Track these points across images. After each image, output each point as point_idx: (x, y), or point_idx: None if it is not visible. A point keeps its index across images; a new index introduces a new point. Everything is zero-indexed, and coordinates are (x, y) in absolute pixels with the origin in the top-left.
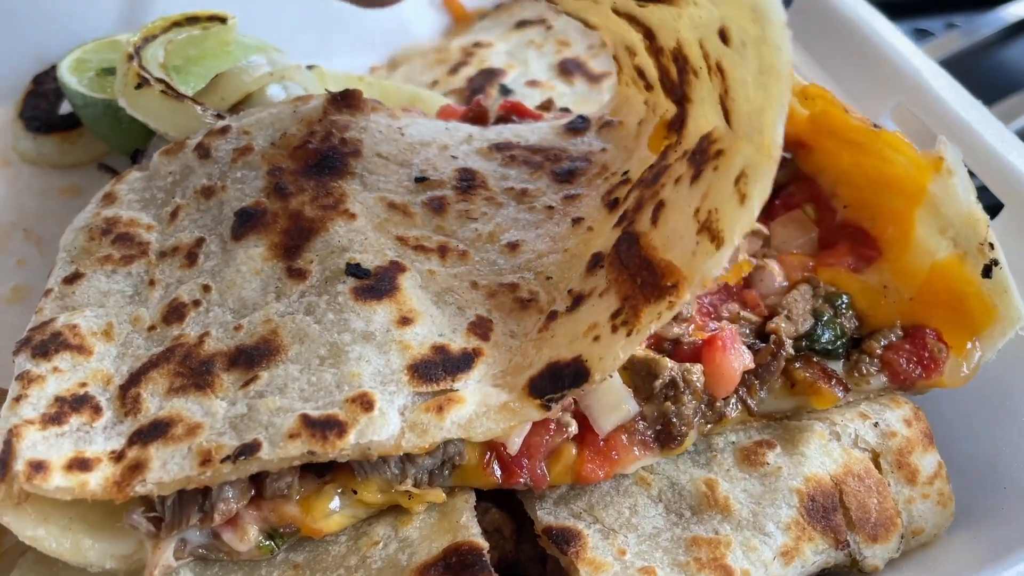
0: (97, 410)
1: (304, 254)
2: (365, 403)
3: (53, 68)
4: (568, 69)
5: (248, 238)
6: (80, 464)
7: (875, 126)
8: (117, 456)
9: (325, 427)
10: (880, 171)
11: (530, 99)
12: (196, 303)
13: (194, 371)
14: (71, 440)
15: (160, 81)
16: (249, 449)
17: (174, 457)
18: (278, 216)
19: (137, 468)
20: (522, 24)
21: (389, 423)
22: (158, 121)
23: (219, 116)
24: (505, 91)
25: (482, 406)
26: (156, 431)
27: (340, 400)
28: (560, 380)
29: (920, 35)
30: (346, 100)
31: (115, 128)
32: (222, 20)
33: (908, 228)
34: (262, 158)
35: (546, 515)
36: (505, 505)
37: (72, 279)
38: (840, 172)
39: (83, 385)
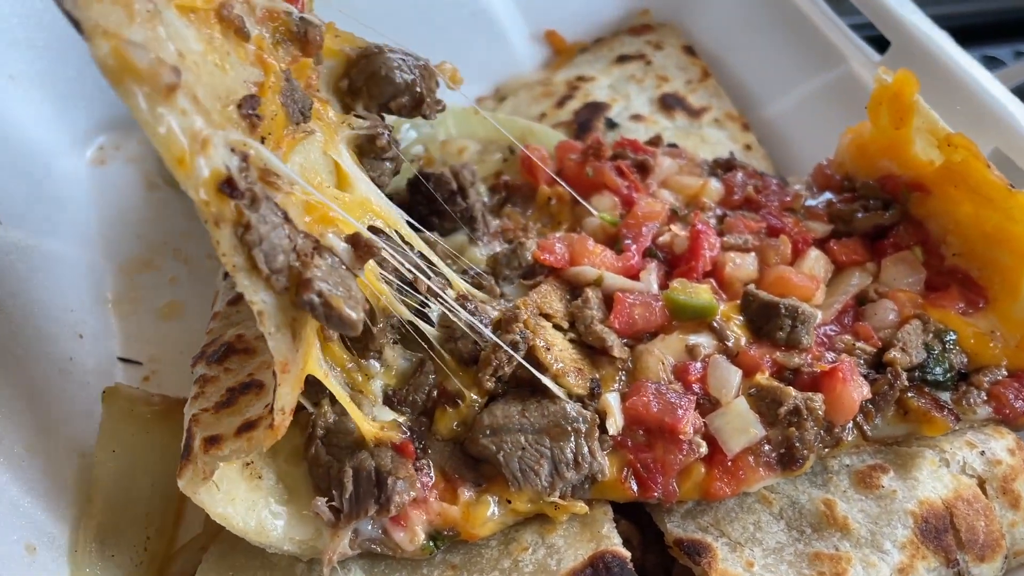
0: (261, 387)
1: None
2: None
3: None
4: (669, 104)
5: None
6: (247, 426)
7: (1011, 186)
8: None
9: None
10: (1002, 228)
11: (634, 133)
12: None
13: None
14: (240, 415)
15: None
16: None
17: None
18: None
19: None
20: (622, 59)
21: None
22: None
23: None
24: (611, 125)
25: None
26: None
27: None
28: None
29: (990, 63)
30: None
31: None
32: None
33: (1016, 283)
34: None
35: (675, 528)
36: (630, 517)
37: (235, 301)
38: (955, 221)
39: (250, 375)
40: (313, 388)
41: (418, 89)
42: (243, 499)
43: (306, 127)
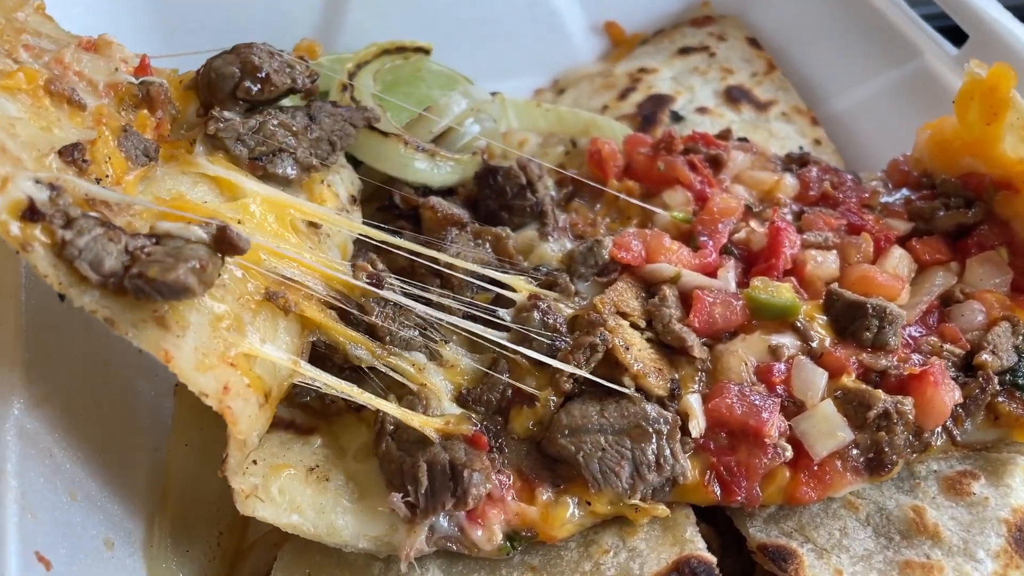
0: None
1: None
2: None
3: None
4: (734, 96)
5: None
6: None
7: None
8: None
9: None
10: None
11: (700, 126)
12: None
13: None
14: None
15: None
16: None
17: None
18: None
19: None
20: (685, 51)
21: None
22: (364, 153)
23: (421, 150)
24: (676, 118)
25: None
26: None
27: None
28: None
29: None
30: None
31: None
32: (426, 52)
33: None
34: None
35: (758, 532)
36: (707, 520)
37: None
38: None
39: None
40: (379, 384)
41: (262, 71)
42: (310, 504)
43: (150, 164)
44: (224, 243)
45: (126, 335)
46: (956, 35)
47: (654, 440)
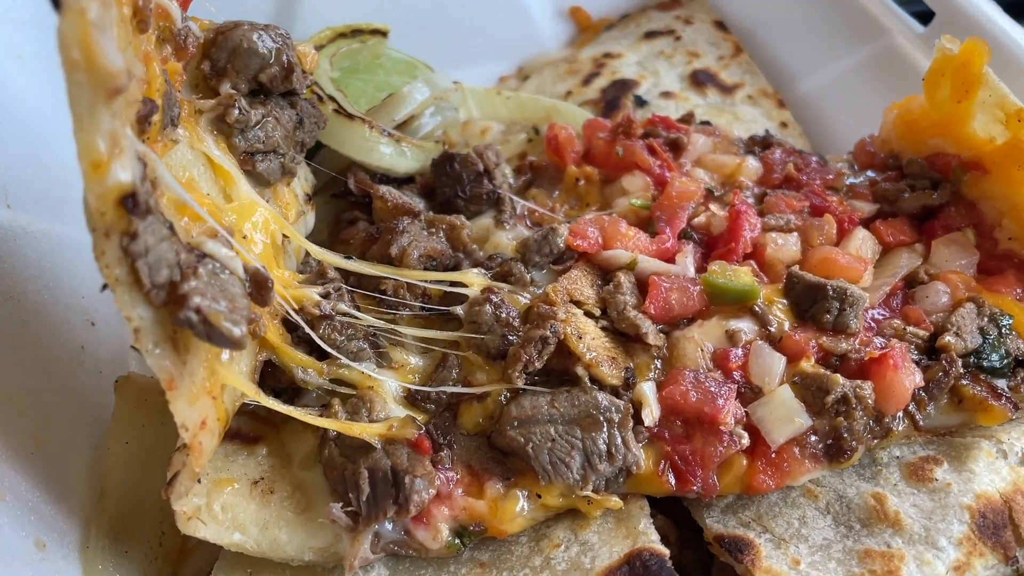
0: None
1: None
2: None
3: None
4: (700, 80)
5: None
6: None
7: None
8: None
9: None
10: None
11: (665, 110)
12: None
13: None
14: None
15: (332, 99)
16: None
17: None
18: None
19: None
20: (651, 35)
21: None
22: (326, 137)
23: (387, 135)
24: (640, 102)
25: None
26: None
27: None
28: None
29: None
30: None
31: None
32: (383, 34)
33: None
34: None
35: (715, 523)
36: (666, 511)
37: None
38: (1013, 203)
39: None
40: (323, 391)
41: (285, 58)
42: (253, 520)
43: (174, 135)
44: (258, 291)
45: (145, 350)
46: (924, 16)
47: (605, 429)
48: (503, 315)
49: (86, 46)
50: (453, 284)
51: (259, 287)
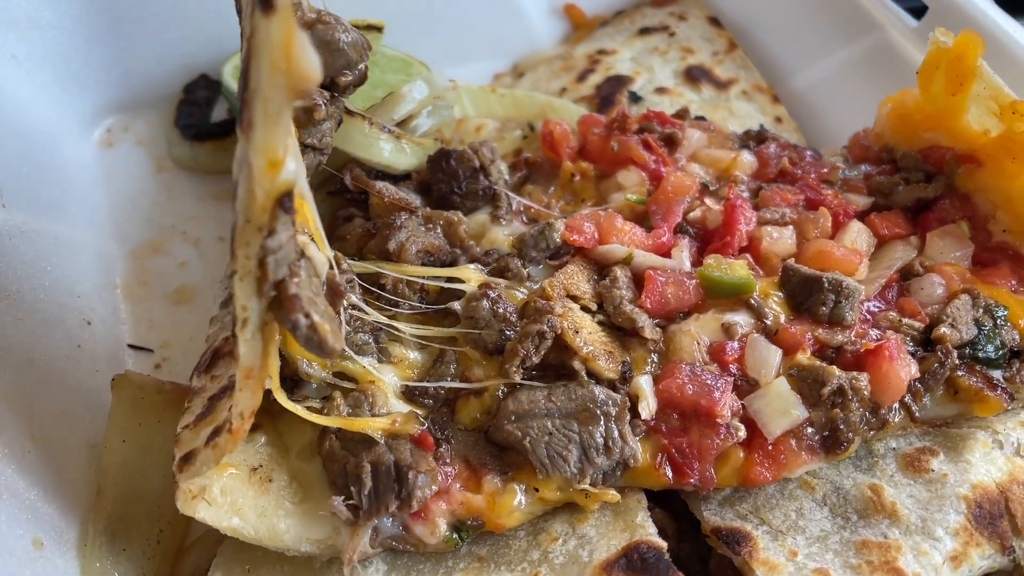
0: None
1: None
2: None
3: (202, 77)
4: (695, 76)
5: None
6: (215, 433)
7: None
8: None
9: None
10: None
11: (659, 106)
12: None
13: None
14: (214, 423)
15: None
16: None
17: None
18: None
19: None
20: (645, 31)
21: None
22: None
23: (387, 131)
24: (635, 98)
25: None
26: None
27: None
28: None
29: None
30: None
31: None
32: (378, 29)
33: None
34: None
35: (712, 516)
36: (664, 504)
37: (226, 303)
38: (1007, 196)
39: (232, 377)
40: (324, 383)
41: (362, 66)
42: (252, 506)
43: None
44: (332, 297)
45: (245, 339)
46: (918, 11)
47: (602, 422)
48: (500, 310)
49: (289, 48)
50: (450, 280)
51: (333, 294)
